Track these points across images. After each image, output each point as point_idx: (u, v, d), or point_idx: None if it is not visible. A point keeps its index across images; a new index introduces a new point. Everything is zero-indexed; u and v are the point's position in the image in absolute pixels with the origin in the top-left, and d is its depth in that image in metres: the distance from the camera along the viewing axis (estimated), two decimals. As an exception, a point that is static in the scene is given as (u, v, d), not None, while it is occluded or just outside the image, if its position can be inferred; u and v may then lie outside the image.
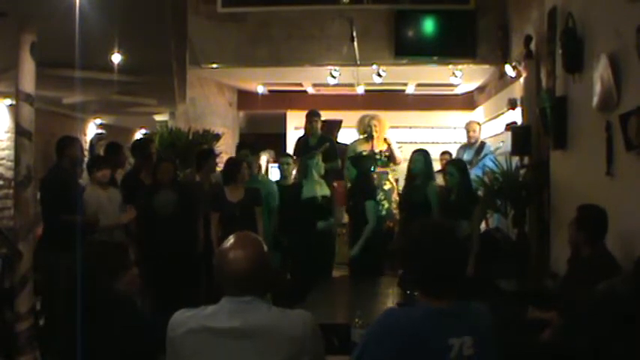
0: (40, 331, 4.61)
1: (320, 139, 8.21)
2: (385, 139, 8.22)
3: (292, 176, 7.51)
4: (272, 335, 2.28)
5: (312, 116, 8.36)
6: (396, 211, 7.79)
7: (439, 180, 7.11)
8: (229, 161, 6.89)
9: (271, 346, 2.27)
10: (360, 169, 6.78)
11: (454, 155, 8.97)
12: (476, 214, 6.28)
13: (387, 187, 7.95)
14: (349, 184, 7.26)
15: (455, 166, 6.54)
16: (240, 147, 7.96)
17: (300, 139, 8.70)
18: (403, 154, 8.16)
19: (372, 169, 7.30)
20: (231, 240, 2.40)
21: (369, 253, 6.45)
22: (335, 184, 8.02)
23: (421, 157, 6.63)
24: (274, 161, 10.07)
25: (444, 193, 6.56)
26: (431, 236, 2.41)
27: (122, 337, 2.86)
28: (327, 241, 6.86)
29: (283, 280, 6.52)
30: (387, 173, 8.12)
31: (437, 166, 7.87)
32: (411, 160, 6.67)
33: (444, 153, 9.50)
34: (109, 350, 2.85)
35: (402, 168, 7.79)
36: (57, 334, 4.27)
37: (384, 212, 7.87)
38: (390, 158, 8.18)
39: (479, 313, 2.40)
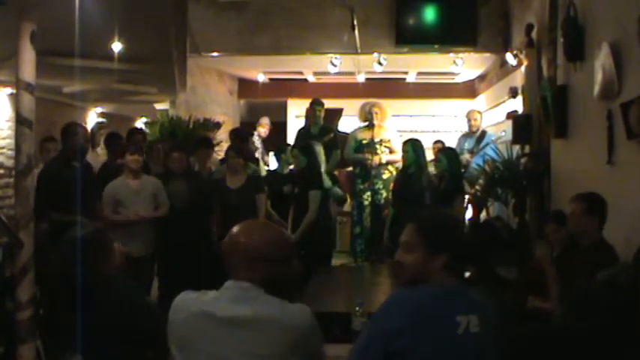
0: (41, 320, 4.62)
1: (322, 129, 8.20)
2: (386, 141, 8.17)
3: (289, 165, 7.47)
4: (270, 326, 2.27)
5: (314, 105, 8.34)
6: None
7: (431, 168, 7.15)
8: None
9: (268, 337, 2.26)
10: (310, 158, 6.71)
11: (455, 144, 8.98)
12: (456, 203, 6.33)
13: (385, 176, 7.95)
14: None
15: (443, 153, 6.57)
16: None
17: (301, 128, 8.69)
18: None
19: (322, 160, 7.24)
20: (241, 225, 2.41)
21: (315, 243, 6.38)
22: (336, 172, 8.04)
23: (409, 147, 6.64)
24: (270, 130, 10.06)
25: (435, 181, 6.62)
26: (452, 220, 2.66)
27: (115, 318, 2.88)
28: (325, 229, 6.80)
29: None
30: (387, 162, 8.12)
31: (430, 154, 7.89)
32: (403, 150, 6.70)
33: (436, 142, 9.51)
34: (103, 333, 2.88)
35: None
36: (55, 323, 4.29)
37: (382, 201, 7.89)
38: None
39: (481, 296, 2.48)
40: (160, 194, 6.13)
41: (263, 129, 9.86)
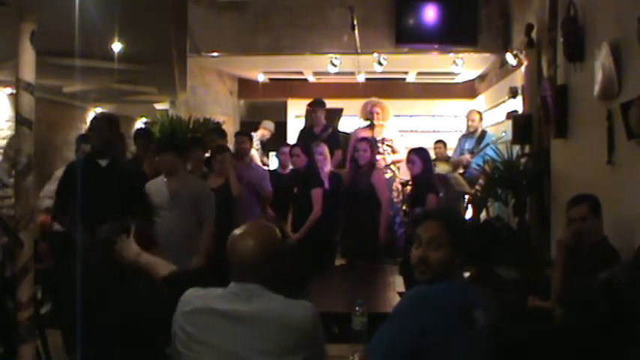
0: (41, 320, 4.63)
1: (323, 128, 8.21)
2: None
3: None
4: (273, 323, 2.31)
5: (315, 106, 8.35)
6: (396, 200, 7.78)
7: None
8: None
9: (271, 333, 2.29)
10: (310, 157, 6.69)
11: (456, 144, 8.98)
12: (428, 203, 6.33)
13: (387, 175, 7.93)
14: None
15: (414, 153, 6.54)
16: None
17: (303, 128, 8.69)
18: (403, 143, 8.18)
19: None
20: (243, 227, 2.46)
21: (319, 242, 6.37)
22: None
23: (365, 145, 6.64)
24: (272, 135, 10.03)
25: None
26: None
27: (120, 318, 2.89)
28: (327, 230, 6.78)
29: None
30: (391, 162, 8.09)
31: (432, 154, 7.90)
32: (362, 149, 6.65)
33: (437, 142, 9.51)
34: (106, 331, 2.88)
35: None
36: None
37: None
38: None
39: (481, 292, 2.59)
40: (204, 204, 5.43)
41: (264, 133, 9.84)
